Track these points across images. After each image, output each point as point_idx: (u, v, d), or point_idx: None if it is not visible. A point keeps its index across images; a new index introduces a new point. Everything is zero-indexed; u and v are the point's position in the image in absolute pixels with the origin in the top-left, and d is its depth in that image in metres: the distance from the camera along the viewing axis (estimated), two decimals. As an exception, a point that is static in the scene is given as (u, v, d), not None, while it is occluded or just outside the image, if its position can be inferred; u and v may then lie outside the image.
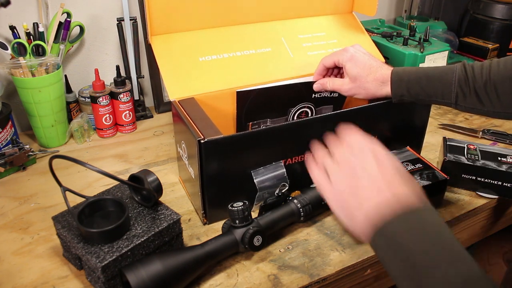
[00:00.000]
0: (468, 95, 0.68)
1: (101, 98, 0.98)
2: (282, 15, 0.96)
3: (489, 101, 0.67)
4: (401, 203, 0.44)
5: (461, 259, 0.40)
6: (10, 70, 0.90)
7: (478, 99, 0.67)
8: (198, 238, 0.71)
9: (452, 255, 0.40)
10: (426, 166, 0.77)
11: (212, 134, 0.66)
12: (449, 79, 0.69)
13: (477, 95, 0.67)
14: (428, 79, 0.70)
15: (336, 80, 0.79)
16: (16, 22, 0.93)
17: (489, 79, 0.66)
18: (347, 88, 0.77)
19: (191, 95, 0.79)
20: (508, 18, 1.25)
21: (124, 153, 0.96)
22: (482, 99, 0.67)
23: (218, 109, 0.83)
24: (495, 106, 0.67)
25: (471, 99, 0.68)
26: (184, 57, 0.84)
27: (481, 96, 0.67)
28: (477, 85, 0.67)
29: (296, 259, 0.67)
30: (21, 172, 0.89)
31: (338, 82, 0.78)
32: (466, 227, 0.81)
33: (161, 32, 0.85)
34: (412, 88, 0.71)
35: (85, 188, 0.84)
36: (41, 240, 0.71)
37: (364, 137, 0.51)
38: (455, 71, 0.69)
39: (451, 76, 0.69)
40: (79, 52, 1.08)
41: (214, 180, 0.69)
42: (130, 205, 0.67)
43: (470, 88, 0.68)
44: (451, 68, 0.70)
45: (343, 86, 0.77)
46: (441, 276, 0.38)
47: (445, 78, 0.69)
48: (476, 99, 0.68)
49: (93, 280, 0.61)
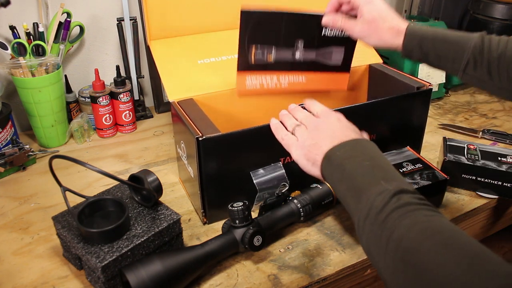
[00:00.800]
0: (479, 65, 0.66)
1: (101, 98, 0.98)
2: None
3: (498, 76, 0.65)
4: (349, 138, 0.53)
5: (394, 176, 0.48)
6: (10, 70, 0.90)
7: (488, 71, 0.66)
8: (198, 238, 0.71)
9: (386, 173, 0.48)
10: (426, 166, 0.77)
11: (211, 132, 0.66)
12: (465, 44, 0.67)
13: (489, 66, 0.66)
14: (443, 40, 0.69)
15: (349, 19, 0.75)
16: (16, 22, 0.93)
17: (505, 52, 0.65)
18: (359, 29, 0.73)
19: (190, 96, 0.79)
20: (508, 18, 1.25)
21: (124, 153, 0.96)
22: (491, 72, 0.66)
23: (217, 109, 0.83)
24: (502, 82, 0.66)
25: (481, 70, 0.66)
26: (183, 60, 0.85)
27: (492, 68, 0.65)
28: (491, 56, 0.65)
29: (296, 259, 0.67)
30: (21, 172, 0.90)
31: (351, 21, 0.74)
32: (466, 227, 0.81)
33: (160, 36, 0.86)
34: (425, 45, 0.69)
35: (85, 188, 0.84)
36: (41, 240, 0.71)
37: (327, 108, 0.60)
38: (473, 38, 0.67)
39: (467, 41, 0.67)
40: (79, 52, 1.08)
41: (213, 179, 0.69)
42: (130, 205, 0.67)
43: (484, 58, 0.66)
44: (469, 34, 0.68)
45: (355, 26, 0.74)
46: (377, 190, 0.45)
47: (461, 42, 0.68)
48: (486, 71, 0.66)
49: (93, 280, 0.61)
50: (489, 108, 1.15)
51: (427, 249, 0.38)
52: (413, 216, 0.41)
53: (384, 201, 0.44)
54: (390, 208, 0.43)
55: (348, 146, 0.52)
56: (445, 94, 1.20)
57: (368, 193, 0.46)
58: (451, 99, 1.21)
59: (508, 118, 1.10)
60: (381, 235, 0.42)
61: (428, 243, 0.38)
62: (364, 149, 0.52)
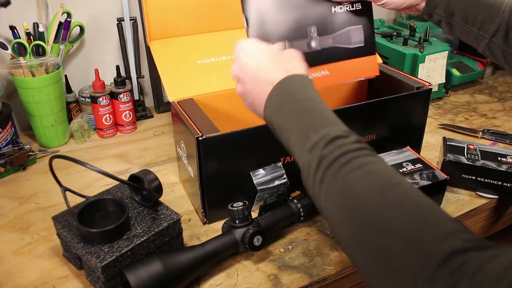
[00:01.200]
0: (510, 33, 0.60)
1: (101, 98, 0.98)
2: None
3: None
4: (291, 71, 0.50)
5: (322, 121, 0.45)
6: (10, 70, 0.90)
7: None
8: (198, 238, 0.71)
9: (313, 121, 0.45)
10: (426, 166, 0.77)
11: (211, 132, 0.66)
12: (499, 5, 0.61)
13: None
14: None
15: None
16: (16, 22, 0.93)
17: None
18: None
19: (190, 96, 0.79)
20: (508, 18, 1.25)
21: (124, 153, 0.96)
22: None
23: (216, 109, 0.83)
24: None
25: (510, 39, 0.61)
26: (183, 60, 0.85)
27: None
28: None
29: (296, 259, 0.67)
30: (21, 172, 0.90)
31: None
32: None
33: (160, 36, 0.86)
34: (453, 1, 0.63)
35: (85, 188, 0.84)
36: (41, 240, 0.71)
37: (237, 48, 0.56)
38: (509, 1, 0.62)
39: (502, 3, 0.61)
40: (79, 52, 1.08)
41: (213, 179, 0.69)
42: (130, 205, 0.67)
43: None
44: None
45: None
46: (308, 146, 0.43)
47: (496, 4, 0.61)
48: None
49: (93, 280, 0.61)
50: (489, 108, 1.15)
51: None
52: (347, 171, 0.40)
53: (316, 158, 0.42)
54: (324, 166, 0.41)
55: (274, 96, 0.49)
56: (445, 94, 1.20)
57: (301, 151, 0.44)
58: (451, 99, 1.21)
59: (508, 118, 1.10)
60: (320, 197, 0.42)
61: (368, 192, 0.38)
62: (289, 93, 0.48)
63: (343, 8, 0.72)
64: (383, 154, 0.80)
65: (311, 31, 0.71)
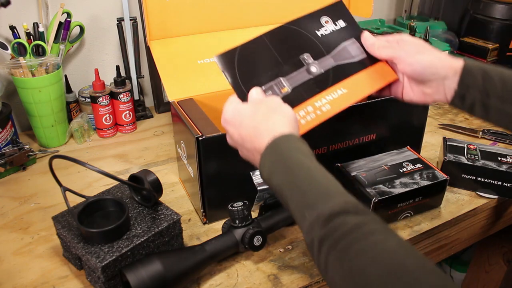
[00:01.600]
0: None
1: (101, 98, 0.98)
2: (279, 19, 0.96)
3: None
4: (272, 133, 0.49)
5: (315, 199, 0.43)
6: (10, 70, 0.90)
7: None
8: (198, 238, 0.71)
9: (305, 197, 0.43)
10: (426, 166, 0.77)
11: (211, 132, 0.66)
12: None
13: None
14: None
15: None
16: (16, 22, 0.93)
17: None
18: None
19: (190, 96, 0.79)
20: (508, 18, 1.25)
21: (124, 153, 0.96)
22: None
23: (216, 109, 0.83)
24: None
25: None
26: (183, 60, 0.84)
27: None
28: None
29: (296, 259, 0.67)
30: (21, 172, 0.90)
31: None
32: (466, 227, 0.81)
33: (160, 36, 0.86)
34: (488, 79, 0.55)
35: (85, 188, 0.84)
36: (41, 240, 0.71)
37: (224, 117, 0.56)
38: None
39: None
40: (79, 52, 1.08)
41: (213, 179, 0.69)
42: (130, 205, 0.67)
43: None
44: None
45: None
46: (306, 225, 0.42)
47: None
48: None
49: (93, 280, 0.61)
50: (489, 108, 1.15)
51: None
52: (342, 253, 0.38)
53: (316, 239, 0.40)
54: (325, 250, 0.39)
55: (263, 165, 0.49)
56: (445, 94, 1.20)
57: (301, 227, 0.43)
58: (451, 99, 1.21)
59: (508, 118, 1.10)
60: (326, 278, 0.40)
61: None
62: (276, 162, 0.47)
63: (327, 30, 0.68)
64: (383, 154, 0.80)
65: (304, 58, 0.65)
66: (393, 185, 0.72)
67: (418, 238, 0.72)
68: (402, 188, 0.71)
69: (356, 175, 0.74)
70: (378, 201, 0.68)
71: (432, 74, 0.58)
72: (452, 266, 1.43)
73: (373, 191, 0.70)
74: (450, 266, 1.43)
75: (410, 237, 0.72)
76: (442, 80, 0.58)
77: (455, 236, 0.80)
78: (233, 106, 0.55)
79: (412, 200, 0.73)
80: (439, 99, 0.60)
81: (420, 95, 0.61)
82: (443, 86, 0.58)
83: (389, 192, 0.70)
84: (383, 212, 0.71)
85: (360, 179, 0.73)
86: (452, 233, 0.79)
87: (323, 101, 0.62)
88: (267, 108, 0.52)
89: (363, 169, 0.75)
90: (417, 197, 0.73)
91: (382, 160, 0.78)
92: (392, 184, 0.72)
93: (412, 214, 0.75)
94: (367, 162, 0.78)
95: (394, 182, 0.72)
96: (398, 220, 0.74)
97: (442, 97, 0.59)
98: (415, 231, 0.73)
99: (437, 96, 0.60)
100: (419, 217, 0.75)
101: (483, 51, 1.26)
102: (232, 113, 0.54)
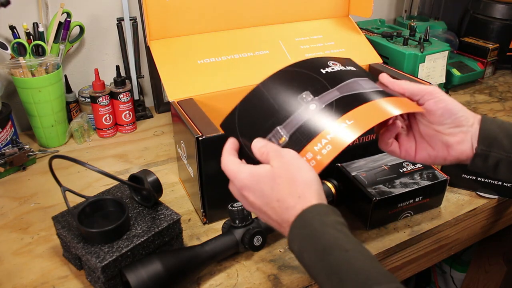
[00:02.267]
0: None
1: (101, 98, 0.98)
2: (279, 19, 0.96)
3: None
4: (300, 205, 0.45)
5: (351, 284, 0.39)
6: (10, 70, 0.90)
7: None
8: (198, 238, 0.71)
9: (342, 283, 0.39)
10: (426, 166, 0.77)
11: (211, 132, 0.66)
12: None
13: None
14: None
15: None
16: (16, 22, 0.93)
17: None
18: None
19: (190, 96, 0.79)
20: (508, 18, 1.25)
21: (124, 153, 0.96)
22: None
23: (216, 109, 0.83)
24: None
25: None
26: (183, 60, 0.85)
27: None
28: None
29: (296, 259, 0.67)
30: (21, 172, 0.90)
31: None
32: (466, 227, 0.81)
33: (160, 36, 0.86)
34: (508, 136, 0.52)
35: (85, 188, 0.84)
36: (41, 240, 0.71)
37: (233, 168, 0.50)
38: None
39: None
40: (79, 52, 1.08)
41: (213, 179, 0.69)
42: (130, 205, 0.67)
43: None
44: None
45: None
46: None
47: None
48: None
49: (93, 280, 0.61)
50: (489, 108, 1.15)
51: None
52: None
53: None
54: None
55: (293, 240, 0.45)
56: (445, 94, 1.20)
57: None
58: (451, 99, 1.21)
59: (508, 118, 1.10)
60: None
61: None
62: (308, 238, 0.43)
63: (335, 69, 0.57)
64: (383, 154, 0.80)
65: (303, 97, 0.54)
66: (393, 185, 0.72)
67: (418, 238, 0.72)
68: (402, 188, 0.71)
69: (356, 175, 0.74)
70: (378, 201, 0.69)
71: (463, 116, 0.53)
72: (452, 266, 1.43)
73: (373, 191, 0.70)
74: (450, 266, 1.43)
75: (410, 237, 0.72)
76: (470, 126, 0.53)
77: (455, 236, 0.80)
78: (249, 169, 0.48)
79: (412, 200, 0.73)
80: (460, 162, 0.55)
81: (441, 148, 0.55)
82: (470, 134, 0.53)
83: (389, 192, 0.70)
84: (383, 212, 0.71)
85: (360, 179, 0.73)
86: (452, 233, 0.79)
87: (323, 142, 0.50)
88: (286, 174, 0.46)
89: (363, 169, 0.75)
90: (417, 197, 0.73)
91: (382, 160, 0.78)
92: (392, 184, 0.72)
93: (412, 214, 0.75)
94: (367, 162, 0.78)
95: (394, 182, 0.72)
96: (398, 220, 0.74)
97: (464, 159, 0.54)
98: (415, 231, 0.73)
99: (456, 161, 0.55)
100: (419, 217, 0.75)
101: (483, 51, 1.26)
102: (250, 179, 0.48)
